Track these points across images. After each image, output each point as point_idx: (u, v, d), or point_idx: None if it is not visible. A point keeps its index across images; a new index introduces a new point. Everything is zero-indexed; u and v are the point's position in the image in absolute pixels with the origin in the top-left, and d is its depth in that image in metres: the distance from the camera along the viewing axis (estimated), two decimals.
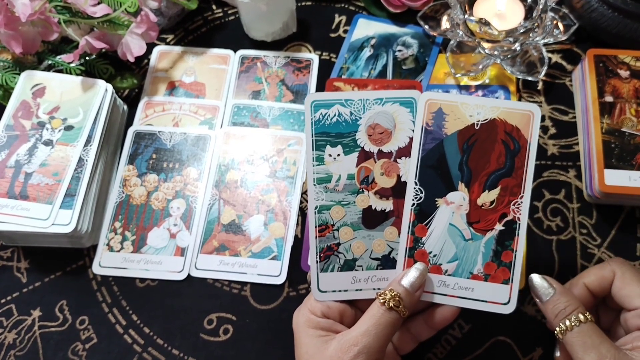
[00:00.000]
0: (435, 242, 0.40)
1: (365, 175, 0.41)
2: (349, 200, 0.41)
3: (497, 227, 0.40)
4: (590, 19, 0.58)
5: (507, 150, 0.40)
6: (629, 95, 0.53)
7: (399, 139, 0.41)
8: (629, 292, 0.38)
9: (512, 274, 0.40)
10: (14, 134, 0.52)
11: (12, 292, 0.51)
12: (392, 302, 0.37)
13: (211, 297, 0.50)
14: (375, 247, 0.41)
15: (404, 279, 0.39)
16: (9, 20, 0.52)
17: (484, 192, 0.40)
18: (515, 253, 0.40)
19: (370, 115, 0.41)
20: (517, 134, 0.40)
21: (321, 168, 0.41)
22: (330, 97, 0.41)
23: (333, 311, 0.40)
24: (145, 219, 0.53)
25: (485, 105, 0.41)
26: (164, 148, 0.56)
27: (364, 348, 0.36)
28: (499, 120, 0.40)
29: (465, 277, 0.40)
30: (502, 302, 0.40)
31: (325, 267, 0.41)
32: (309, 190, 0.41)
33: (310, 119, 0.41)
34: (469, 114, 0.41)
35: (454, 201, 0.40)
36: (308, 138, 0.41)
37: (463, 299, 0.40)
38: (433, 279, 0.40)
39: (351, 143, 0.41)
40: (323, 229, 0.41)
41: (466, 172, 0.40)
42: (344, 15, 0.65)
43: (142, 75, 0.62)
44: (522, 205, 0.40)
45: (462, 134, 0.41)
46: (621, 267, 0.39)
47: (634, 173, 0.49)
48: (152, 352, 0.48)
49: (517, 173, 0.40)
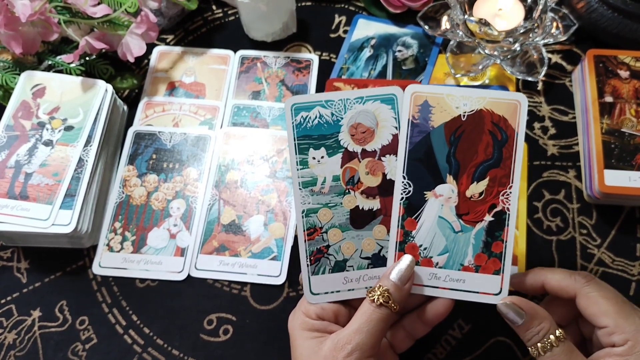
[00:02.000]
0: (425, 235, 0.40)
1: (350, 176, 0.41)
2: (335, 201, 0.41)
3: (487, 218, 0.40)
4: (590, 19, 0.58)
5: (494, 140, 0.40)
6: (628, 96, 0.53)
7: (382, 136, 0.41)
8: (595, 312, 0.37)
9: (503, 264, 0.40)
10: (14, 134, 0.52)
11: (12, 292, 0.51)
12: (381, 299, 0.37)
13: (211, 298, 0.50)
14: (364, 246, 0.41)
15: (392, 273, 0.39)
16: (9, 20, 0.52)
17: (472, 183, 0.40)
18: (505, 243, 0.40)
19: (351, 115, 0.41)
20: (504, 124, 0.40)
21: (306, 172, 0.41)
22: (310, 99, 0.41)
23: (327, 312, 0.40)
24: (145, 219, 0.53)
25: (471, 96, 0.40)
26: (164, 148, 0.56)
27: (357, 345, 0.36)
28: (485, 110, 0.40)
29: (456, 269, 0.40)
30: (494, 293, 0.40)
31: (316, 270, 0.41)
32: (295, 195, 0.41)
33: (291, 122, 0.41)
34: (455, 106, 0.40)
35: (443, 194, 0.40)
36: (290, 142, 0.41)
37: (455, 291, 0.40)
38: (424, 272, 0.40)
39: (334, 144, 0.41)
40: (311, 232, 0.41)
41: (454, 164, 0.40)
42: (344, 15, 0.65)
43: (142, 76, 0.62)
44: (511, 195, 0.40)
45: (449, 126, 0.40)
46: (584, 287, 0.38)
47: (634, 173, 0.49)
48: (152, 352, 0.48)
49: (505, 163, 0.40)
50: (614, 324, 0.36)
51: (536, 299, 0.48)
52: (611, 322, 0.36)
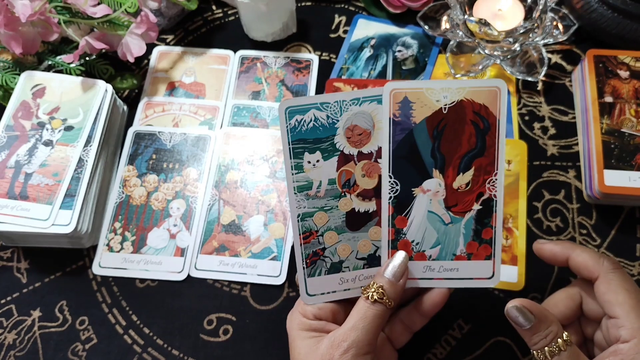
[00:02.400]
0: (416, 230, 0.41)
1: (346, 179, 0.41)
2: (331, 205, 0.41)
3: (475, 207, 0.40)
4: (590, 19, 0.58)
5: (477, 130, 0.40)
6: (628, 96, 0.53)
7: (379, 138, 0.40)
8: (612, 299, 0.37)
9: (494, 249, 0.41)
10: (14, 135, 0.52)
11: (12, 292, 0.51)
12: (376, 295, 0.37)
13: (211, 298, 0.50)
14: (360, 247, 0.41)
15: (386, 270, 0.39)
16: (9, 20, 0.52)
17: (458, 175, 0.40)
18: (494, 229, 0.40)
19: (347, 117, 0.40)
20: (485, 112, 0.40)
21: (301, 176, 0.40)
22: (305, 102, 0.40)
23: (325, 312, 0.40)
24: (145, 219, 0.53)
25: (450, 88, 0.40)
26: (163, 148, 0.56)
27: (353, 342, 0.36)
28: (466, 100, 0.40)
29: (449, 259, 0.41)
30: (487, 277, 0.41)
31: (312, 272, 0.41)
32: (290, 199, 0.40)
33: (285, 126, 0.40)
34: (436, 99, 0.40)
35: (430, 188, 0.40)
36: (285, 147, 0.40)
37: (450, 280, 0.41)
38: (418, 266, 0.41)
39: (330, 147, 0.40)
40: (307, 235, 0.41)
41: (439, 158, 0.40)
42: (344, 15, 0.65)
43: (142, 76, 0.62)
44: (497, 182, 0.40)
45: (431, 120, 0.40)
46: (610, 272, 0.38)
47: (634, 173, 0.49)
48: (152, 352, 0.48)
49: (489, 151, 0.40)
50: (627, 316, 0.36)
51: (537, 294, 0.48)
52: (624, 314, 0.36)
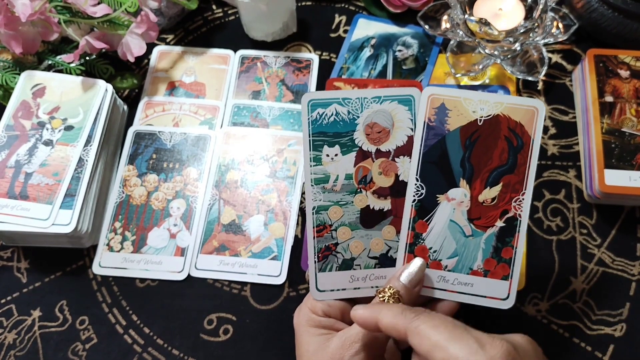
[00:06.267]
0: (436, 238, 0.40)
1: (363, 175, 0.41)
2: (346, 200, 0.41)
3: (498, 223, 0.40)
4: (590, 19, 0.58)
5: (510, 146, 0.40)
6: (629, 95, 0.53)
7: (397, 137, 0.41)
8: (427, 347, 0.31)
9: (512, 270, 0.40)
10: (14, 134, 0.52)
11: (12, 292, 0.51)
12: (392, 300, 0.37)
13: (211, 297, 0.50)
14: (373, 246, 0.41)
15: (402, 275, 0.39)
16: (9, 20, 0.52)
17: (485, 188, 0.40)
18: (515, 250, 0.40)
19: (368, 114, 0.41)
20: (520, 130, 0.40)
21: (319, 168, 0.41)
22: (327, 96, 0.41)
23: (334, 309, 0.40)
24: (145, 219, 0.53)
25: (488, 101, 0.40)
26: (164, 148, 0.56)
27: (365, 345, 0.36)
28: (502, 116, 0.40)
29: (465, 272, 0.40)
30: (501, 298, 0.40)
31: (324, 267, 0.41)
32: (307, 191, 0.41)
33: (307, 118, 0.41)
34: (472, 110, 0.40)
35: (455, 197, 0.40)
36: (305, 138, 0.41)
37: (462, 294, 0.40)
38: (433, 275, 0.40)
39: (349, 143, 0.41)
40: (321, 229, 0.41)
41: (468, 169, 0.40)
42: (344, 15, 0.65)
43: (142, 75, 0.62)
44: (523, 202, 0.40)
45: (465, 130, 0.40)
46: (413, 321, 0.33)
47: (634, 173, 0.49)
48: (152, 352, 0.48)
49: (519, 170, 0.40)
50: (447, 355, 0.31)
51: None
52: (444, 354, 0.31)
